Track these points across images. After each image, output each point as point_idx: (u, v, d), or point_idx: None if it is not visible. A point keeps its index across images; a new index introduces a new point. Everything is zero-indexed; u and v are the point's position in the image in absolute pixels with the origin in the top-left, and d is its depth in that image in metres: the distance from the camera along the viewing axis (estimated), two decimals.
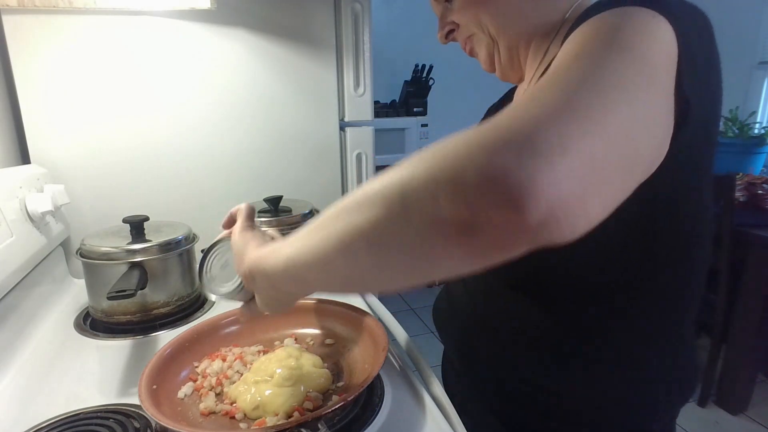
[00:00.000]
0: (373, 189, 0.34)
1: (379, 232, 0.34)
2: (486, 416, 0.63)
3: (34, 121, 1.00)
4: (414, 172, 0.32)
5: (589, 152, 0.30)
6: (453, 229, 0.30)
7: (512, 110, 0.32)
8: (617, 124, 0.32)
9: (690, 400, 0.61)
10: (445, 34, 0.65)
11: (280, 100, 1.18)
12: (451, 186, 0.29)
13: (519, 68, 0.62)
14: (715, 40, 0.44)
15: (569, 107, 0.31)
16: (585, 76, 0.33)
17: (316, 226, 0.40)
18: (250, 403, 0.58)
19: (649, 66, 0.36)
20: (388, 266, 0.35)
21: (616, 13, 0.39)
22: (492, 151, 0.29)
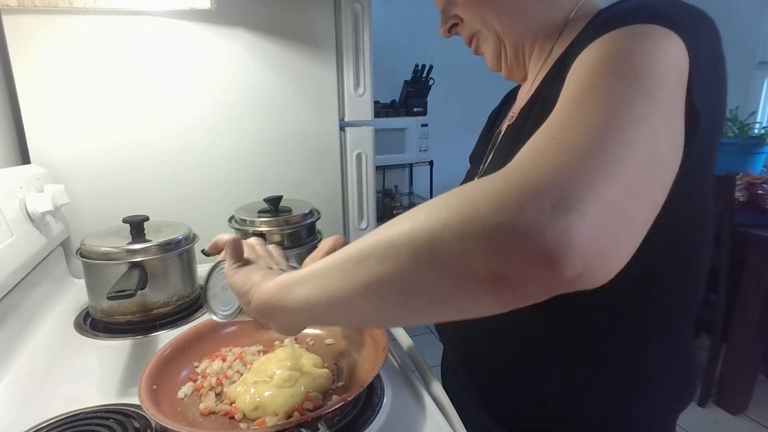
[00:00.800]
0: (399, 236, 0.34)
1: (408, 282, 0.34)
2: (484, 418, 0.63)
3: (34, 121, 1.00)
4: (443, 223, 0.32)
5: (619, 198, 0.30)
6: (485, 281, 0.31)
7: (536, 154, 0.33)
8: (643, 163, 0.32)
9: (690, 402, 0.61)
10: (448, 28, 0.64)
11: (280, 100, 1.18)
12: (484, 242, 0.30)
13: (524, 67, 0.62)
14: (721, 45, 0.44)
15: (595, 154, 0.31)
16: (605, 116, 0.33)
17: (337, 267, 0.39)
18: (249, 403, 0.58)
19: (666, 93, 0.36)
20: (415, 310, 0.36)
21: (629, 33, 0.39)
22: (524, 205, 0.29)
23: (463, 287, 0.32)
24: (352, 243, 0.39)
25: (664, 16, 0.40)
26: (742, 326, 1.87)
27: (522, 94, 0.66)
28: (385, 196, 3.09)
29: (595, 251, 0.29)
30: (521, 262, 0.29)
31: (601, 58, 0.38)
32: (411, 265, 0.33)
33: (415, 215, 0.34)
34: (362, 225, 1.32)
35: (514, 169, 0.32)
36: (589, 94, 0.36)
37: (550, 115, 0.38)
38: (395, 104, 2.79)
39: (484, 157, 0.68)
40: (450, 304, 0.34)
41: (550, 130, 0.35)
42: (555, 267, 0.28)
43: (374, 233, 0.37)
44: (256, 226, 0.96)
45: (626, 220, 0.31)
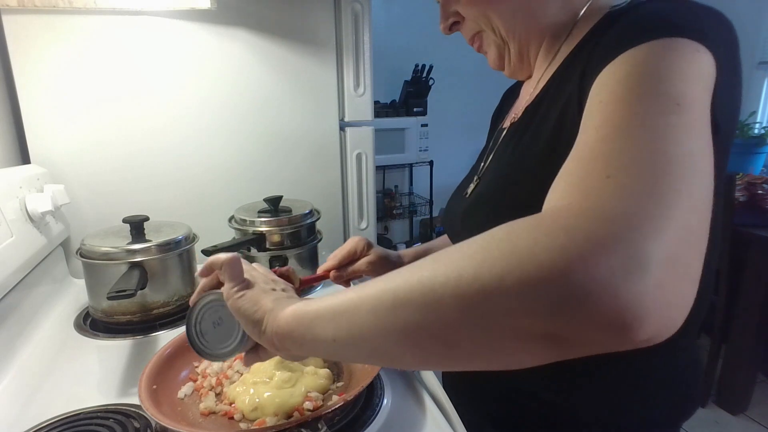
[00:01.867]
0: (444, 287, 0.31)
1: (452, 335, 0.32)
2: (484, 422, 0.63)
3: (34, 121, 1.00)
4: (499, 278, 0.29)
5: (683, 250, 0.29)
6: (542, 340, 0.29)
7: (595, 197, 0.30)
8: (697, 205, 0.31)
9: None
10: (448, 25, 0.61)
11: (280, 100, 1.18)
12: (548, 304, 0.27)
13: (528, 66, 0.61)
14: (738, 49, 0.44)
15: (656, 202, 0.29)
16: (657, 154, 0.31)
17: (367, 309, 0.36)
18: (248, 404, 0.58)
19: (703, 118, 0.35)
20: (454, 359, 0.34)
21: (661, 51, 0.37)
22: (593, 265, 0.27)
23: (516, 345, 0.30)
24: (382, 279, 0.37)
25: (691, 27, 0.39)
26: (742, 326, 1.87)
27: (526, 91, 0.64)
28: (385, 196, 3.09)
29: (667, 312, 0.28)
30: (588, 327, 0.27)
31: (636, 78, 0.37)
32: (458, 319, 0.31)
33: (461, 264, 0.31)
34: (362, 225, 1.32)
35: (572, 215, 0.30)
36: (632, 124, 0.34)
37: (583, 130, 0.37)
38: (395, 104, 2.79)
39: (486, 152, 0.67)
40: (495, 358, 0.32)
41: (597, 163, 0.33)
42: (627, 333, 0.27)
43: (409, 274, 0.34)
44: (256, 226, 0.96)
45: (690, 270, 0.29)
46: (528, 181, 0.51)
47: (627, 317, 0.26)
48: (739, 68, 0.44)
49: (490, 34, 0.59)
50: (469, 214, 0.61)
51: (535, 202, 0.38)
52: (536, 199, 0.38)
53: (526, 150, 0.53)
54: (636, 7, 0.45)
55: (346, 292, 0.39)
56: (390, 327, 0.34)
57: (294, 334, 0.42)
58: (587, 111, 0.40)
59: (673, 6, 0.42)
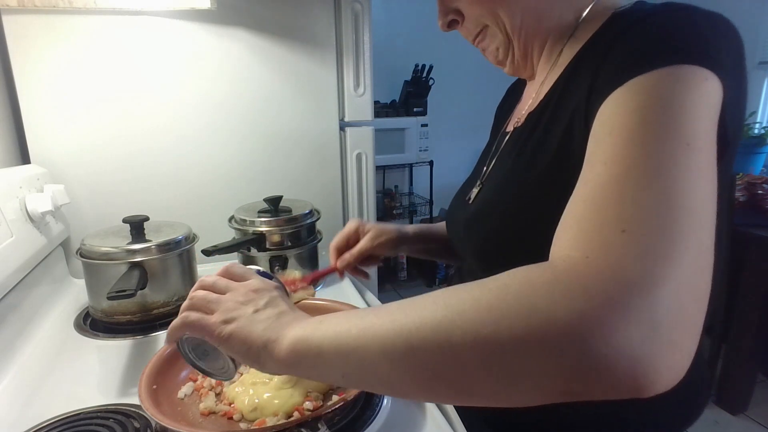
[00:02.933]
0: (463, 340, 0.31)
1: (468, 384, 0.32)
2: (483, 423, 0.63)
3: (34, 121, 1.00)
4: (518, 339, 0.29)
5: (694, 300, 0.30)
6: (558, 395, 0.30)
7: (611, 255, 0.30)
8: (703, 249, 0.32)
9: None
10: (447, 22, 0.60)
11: (280, 100, 1.18)
12: (567, 369, 0.28)
13: (531, 65, 0.60)
14: (744, 56, 0.43)
15: (672, 263, 0.30)
16: (672, 207, 0.32)
17: (377, 351, 0.35)
18: (248, 405, 0.58)
19: (708, 151, 0.35)
20: (470, 402, 0.34)
21: (669, 82, 0.37)
22: (614, 334, 0.27)
23: (531, 397, 0.31)
24: (384, 312, 0.36)
25: (697, 50, 0.38)
26: (742, 326, 1.87)
27: (528, 95, 0.64)
28: (385, 196, 3.10)
29: (678, 369, 0.29)
30: (605, 388, 0.28)
31: (646, 114, 0.36)
32: (475, 373, 0.31)
33: (478, 316, 0.31)
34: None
35: (590, 276, 0.30)
36: (644, 168, 0.34)
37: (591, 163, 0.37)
38: (395, 104, 2.79)
39: (489, 155, 0.66)
40: (509, 402, 0.32)
41: (612, 212, 0.33)
42: (641, 391, 0.28)
43: (417, 315, 0.34)
44: (256, 226, 0.96)
45: (697, 324, 0.31)
46: (534, 193, 0.50)
47: (642, 379, 0.28)
48: (745, 76, 0.44)
49: (496, 30, 0.58)
50: (473, 221, 0.60)
51: (541, 214, 0.38)
52: (542, 212, 0.39)
53: (531, 159, 0.52)
54: (641, 19, 0.44)
55: (346, 324, 0.38)
56: (404, 373, 0.34)
57: (298, 368, 0.41)
58: (595, 139, 0.39)
59: (678, 20, 0.41)
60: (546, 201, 0.39)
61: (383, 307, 0.38)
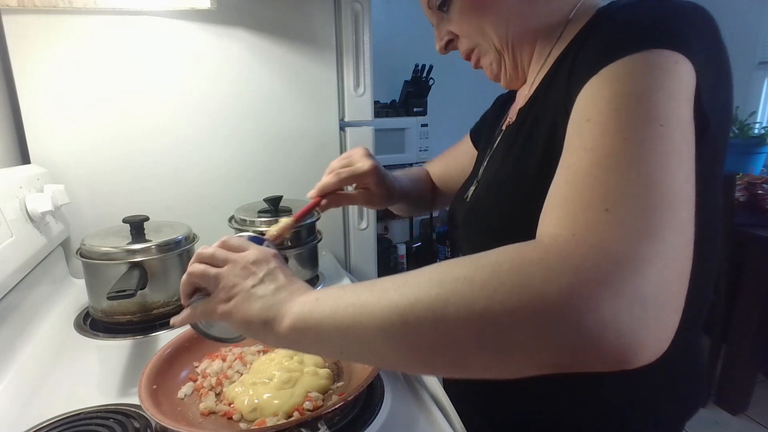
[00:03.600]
0: (454, 312, 0.33)
1: (463, 358, 0.34)
2: (484, 423, 0.63)
3: (34, 121, 1.00)
4: (510, 315, 0.31)
5: (676, 278, 0.32)
6: (548, 366, 0.32)
7: (597, 233, 0.32)
8: (688, 233, 0.33)
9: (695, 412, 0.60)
10: (444, 45, 0.63)
11: (280, 100, 1.18)
12: (557, 342, 0.30)
13: (523, 74, 0.61)
14: (721, 39, 0.44)
15: (655, 240, 0.31)
16: (650, 185, 0.33)
17: (373, 328, 0.37)
18: (247, 405, 0.58)
19: (682, 132, 0.36)
20: (464, 374, 0.36)
21: (641, 67, 0.38)
22: (601, 309, 0.29)
23: (523, 368, 0.33)
24: (380, 287, 0.38)
25: (669, 35, 0.39)
26: (742, 326, 1.87)
27: (520, 94, 0.65)
28: None
29: (660, 339, 0.31)
30: (594, 360, 0.30)
31: (621, 99, 0.38)
32: (469, 347, 0.33)
33: (471, 293, 0.33)
34: (362, 225, 1.32)
35: (578, 254, 0.31)
36: (623, 152, 0.35)
37: (571, 149, 0.39)
38: (395, 104, 2.79)
39: (485, 154, 0.67)
40: (502, 373, 0.34)
41: (595, 193, 0.34)
42: (627, 362, 0.30)
43: (412, 292, 0.35)
44: (256, 226, 0.96)
45: (679, 300, 0.32)
46: (525, 188, 0.51)
47: (628, 351, 0.30)
48: (726, 62, 0.45)
49: (487, 47, 0.59)
50: (469, 218, 0.61)
51: (533, 209, 0.40)
52: (534, 207, 0.40)
53: (521, 155, 0.53)
54: (614, 11, 0.46)
55: (343, 301, 0.40)
56: (400, 348, 0.36)
57: (299, 345, 0.43)
58: (574, 127, 0.40)
59: (648, 9, 0.43)
60: (537, 196, 0.40)
61: (377, 283, 0.39)
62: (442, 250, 3.24)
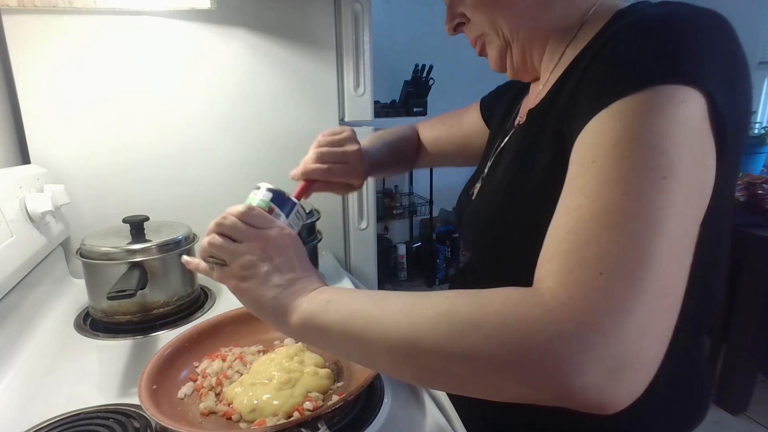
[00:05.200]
0: (449, 349, 0.37)
1: (459, 384, 0.39)
2: (484, 424, 0.62)
3: (34, 121, 1.00)
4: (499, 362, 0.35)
5: (657, 344, 0.35)
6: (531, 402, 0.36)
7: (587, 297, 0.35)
8: (674, 291, 0.36)
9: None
10: (453, 26, 0.61)
11: (280, 100, 1.18)
12: (541, 394, 0.35)
13: (532, 69, 0.60)
14: (741, 48, 0.43)
15: (644, 312, 0.34)
16: (646, 252, 0.35)
17: (381, 347, 0.41)
18: (246, 405, 0.57)
19: (689, 183, 0.37)
20: (456, 391, 0.43)
21: (647, 110, 0.38)
22: (584, 372, 0.33)
23: (510, 400, 0.37)
24: (385, 306, 0.41)
25: (680, 65, 0.39)
26: (742, 326, 1.87)
27: (533, 93, 0.64)
28: (385, 196, 3.10)
29: (637, 390, 0.35)
30: (574, 407, 0.34)
31: (625, 145, 0.38)
32: (463, 379, 0.38)
33: (470, 338, 0.36)
34: (362, 225, 1.32)
35: (568, 320, 0.34)
36: (623, 207, 0.36)
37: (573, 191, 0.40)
38: (395, 104, 2.79)
39: (492, 149, 0.66)
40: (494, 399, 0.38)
41: (594, 254, 0.36)
42: (601, 412, 0.34)
43: (417, 321, 0.39)
44: None
45: (657, 358, 0.35)
46: (530, 191, 0.51)
47: (606, 405, 0.34)
48: (745, 67, 0.44)
49: (494, 37, 0.59)
50: (473, 216, 0.61)
51: (537, 214, 0.41)
52: (537, 211, 0.42)
53: (527, 157, 0.53)
54: (636, 21, 0.43)
55: (352, 308, 0.43)
56: (404, 369, 0.41)
57: (306, 340, 0.48)
58: (579, 166, 0.41)
59: (657, 32, 0.41)
60: (541, 200, 0.41)
61: (386, 299, 0.42)
62: (442, 250, 3.25)
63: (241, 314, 0.75)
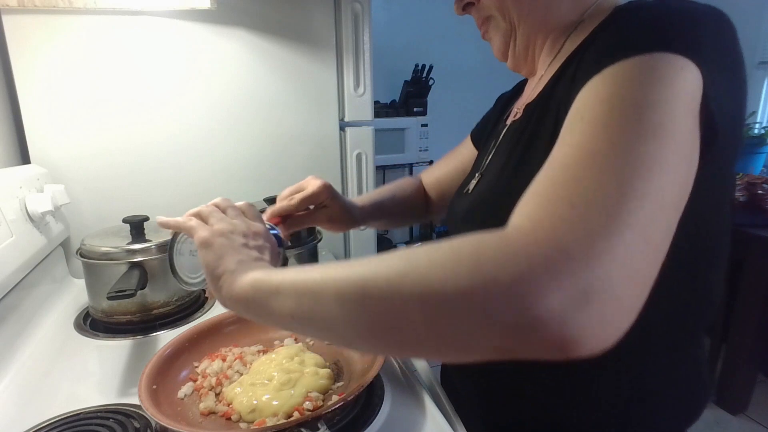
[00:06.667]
0: (411, 291, 0.33)
1: (415, 337, 0.34)
2: (484, 424, 0.62)
3: (34, 121, 1.00)
4: (460, 295, 0.31)
5: (631, 281, 0.31)
6: (493, 351, 0.32)
7: (557, 227, 0.32)
8: (653, 234, 0.33)
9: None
10: (462, 5, 0.62)
11: (280, 100, 1.18)
12: (502, 326, 0.30)
13: (532, 61, 0.61)
14: (738, 46, 0.43)
15: (617, 240, 0.31)
16: (624, 187, 0.33)
17: (331, 295, 0.37)
18: (246, 406, 0.57)
19: (678, 142, 0.36)
20: (413, 354, 0.36)
21: (642, 71, 0.37)
22: (547, 295, 0.30)
23: (470, 351, 0.33)
24: (347, 264, 0.38)
25: (679, 38, 0.38)
26: (742, 326, 1.87)
27: (529, 88, 0.64)
28: None
29: (604, 337, 0.31)
30: (536, 347, 0.31)
31: (616, 102, 0.37)
32: (420, 323, 0.33)
33: (429, 272, 0.33)
34: None
35: (535, 244, 0.32)
36: (606, 153, 0.35)
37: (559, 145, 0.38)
38: (395, 104, 2.79)
39: (488, 148, 0.67)
40: (448, 355, 0.35)
41: (567, 190, 0.34)
42: (568, 353, 0.30)
43: (375, 267, 0.36)
44: None
45: (632, 303, 0.32)
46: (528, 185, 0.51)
47: (569, 342, 0.30)
48: (741, 70, 0.44)
49: (500, 20, 0.59)
50: (470, 212, 0.61)
51: None
52: None
53: (526, 151, 0.53)
54: (626, 12, 0.45)
55: (310, 270, 0.40)
56: (353, 318, 0.36)
57: (249, 303, 0.44)
58: (568, 123, 0.40)
59: (660, 12, 0.42)
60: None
61: (351, 260, 0.40)
62: None
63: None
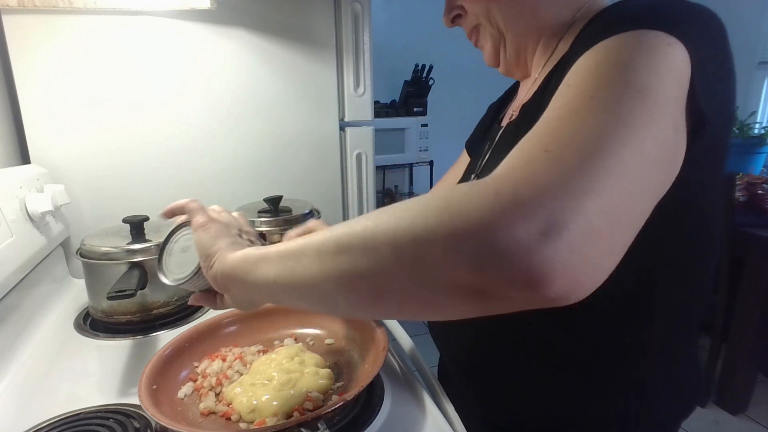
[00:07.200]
0: (384, 235, 0.33)
1: (385, 281, 0.34)
2: (483, 423, 0.63)
3: (34, 121, 1.00)
4: (430, 231, 0.31)
5: (603, 225, 0.31)
6: (465, 292, 0.31)
7: (529, 167, 0.32)
8: (630, 188, 0.33)
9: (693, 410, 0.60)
10: (451, 18, 0.62)
11: (280, 100, 1.18)
12: (470, 258, 0.30)
13: (524, 65, 0.61)
14: (728, 43, 0.43)
15: (587, 179, 0.31)
16: (601, 134, 0.33)
17: (312, 253, 0.39)
18: (246, 406, 0.57)
19: (666, 107, 0.35)
20: (387, 306, 0.36)
21: (632, 42, 0.38)
22: (514, 227, 0.29)
23: (442, 294, 0.32)
24: (329, 229, 0.39)
25: (668, 20, 0.39)
26: (742, 326, 1.87)
27: (523, 90, 0.65)
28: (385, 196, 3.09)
29: (575, 277, 0.30)
30: (504, 283, 0.30)
31: (602, 66, 0.37)
32: (391, 266, 0.33)
33: (401, 215, 0.33)
34: None
35: (505, 182, 0.32)
36: (587, 105, 0.35)
37: (544, 114, 0.38)
38: (395, 104, 2.79)
39: (482, 151, 0.67)
40: (424, 307, 0.34)
41: (543, 138, 0.34)
42: (536, 290, 0.29)
43: (354, 224, 0.37)
44: (256, 226, 0.96)
45: (607, 246, 0.32)
46: None
47: (537, 275, 0.29)
48: (729, 61, 0.44)
49: (488, 27, 0.59)
50: None
51: None
52: None
53: None
54: (624, 2, 0.46)
55: (297, 240, 0.42)
56: (330, 271, 0.37)
57: (237, 273, 0.45)
58: (557, 93, 0.40)
59: (658, 1, 0.43)
60: None
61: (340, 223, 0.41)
62: None
63: (241, 314, 0.75)
